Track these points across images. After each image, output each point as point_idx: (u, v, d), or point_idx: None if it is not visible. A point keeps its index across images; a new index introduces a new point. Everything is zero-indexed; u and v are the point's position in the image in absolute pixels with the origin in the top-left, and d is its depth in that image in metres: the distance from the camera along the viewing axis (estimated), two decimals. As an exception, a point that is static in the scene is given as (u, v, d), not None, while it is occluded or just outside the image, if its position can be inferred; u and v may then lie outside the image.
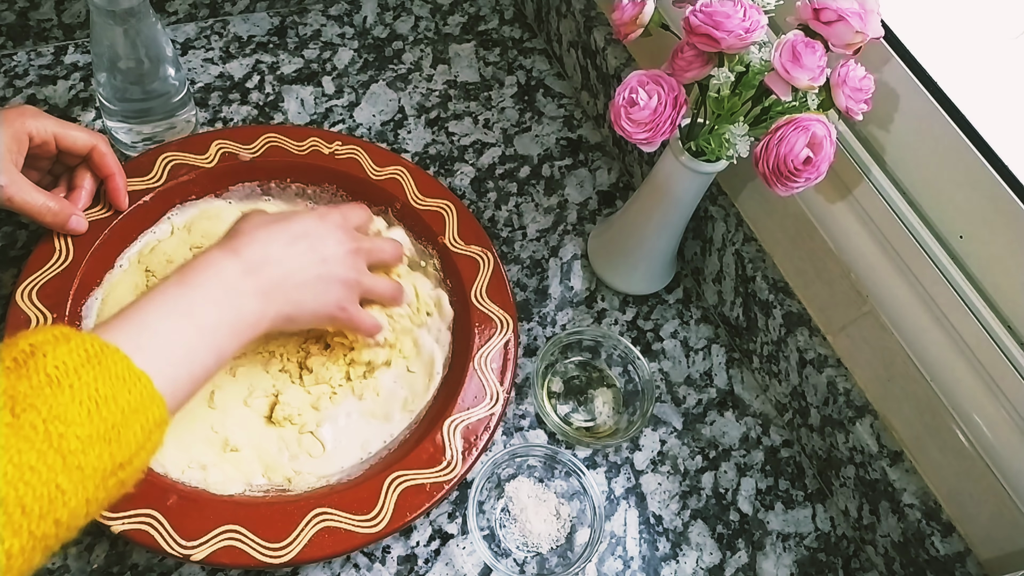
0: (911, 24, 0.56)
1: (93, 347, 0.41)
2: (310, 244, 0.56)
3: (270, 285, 0.53)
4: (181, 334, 0.47)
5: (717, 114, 0.58)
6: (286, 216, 0.58)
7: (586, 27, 0.82)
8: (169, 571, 0.57)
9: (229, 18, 0.85)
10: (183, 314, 0.48)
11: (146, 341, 0.45)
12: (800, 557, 0.66)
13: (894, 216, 0.59)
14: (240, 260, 0.52)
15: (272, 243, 0.55)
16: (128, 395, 0.41)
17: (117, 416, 0.40)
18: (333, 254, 0.57)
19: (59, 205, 0.60)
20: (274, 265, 0.54)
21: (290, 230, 0.56)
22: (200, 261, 0.52)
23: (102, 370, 0.41)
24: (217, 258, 0.52)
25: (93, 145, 0.61)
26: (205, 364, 0.48)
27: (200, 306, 0.49)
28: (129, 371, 0.42)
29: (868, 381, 0.65)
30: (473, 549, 0.61)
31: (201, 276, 0.51)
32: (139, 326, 0.46)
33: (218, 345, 0.49)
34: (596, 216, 0.80)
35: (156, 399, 0.43)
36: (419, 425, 0.63)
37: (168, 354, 0.46)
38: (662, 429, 0.70)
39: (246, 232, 0.55)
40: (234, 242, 0.54)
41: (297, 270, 0.55)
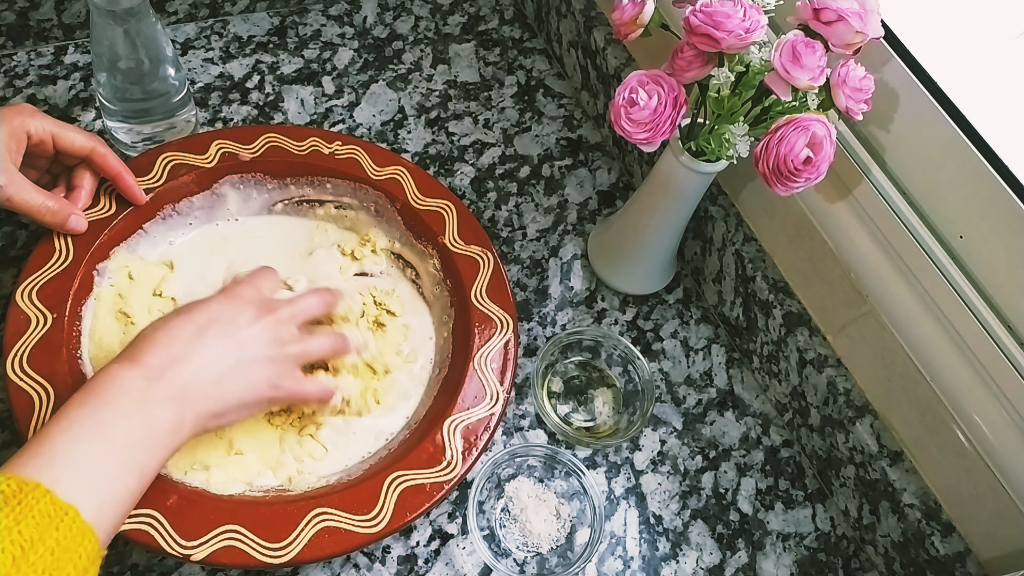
0: (911, 24, 0.56)
1: (10, 486, 0.38)
2: (219, 330, 0.52)
3: (181, 387, 0.49)
4: (95, 458, 0.44)
5: (717, 114, 0.58)
6: (188, 308, 0.53)
7: (586, 27, 0.82)
8: (169, 571, 0.57)
9: (229, 18, 0.85)
10: (94, 435, 0.45)
11: (62, 471, 0.41)
12: (800, 557, 0.66)
13: (894, 216, 0.59)
14: (141, 368, 0.48)
15: (175, 342, 0.50)
16: (56, 533, 0.38)
17: (47, 559, 0.37)
18: (250, 335, 0.53)
19: (58, 204, 0.60)
20: (181, 364, 0.49)
21: (193, 321, 0.52)
22: (100, 378, 0.48)
23: (24, 509, 0.38)
24: (117, 372, 0.48)
25: (91, 148, 0.61)
26: (128, 485, 0.45)
27: (109, 425, 0.46)
28: (54, 506, 0.39)
29: (868, 381, 0.65)
30: (473, 549, 0.61)
31: (105, 393, 0.47)
32: (51, 455, 0.42)
33: (138, 462, 0.46)
34: (596, 216, 0.80)
35: (87, 532, 0.40)
36: (419, 425, 0.63)
37: (88, 480, 0.43)
38: (662, 429, 0.70)
39: (145, 337, 0.51)
40: (133, 351, 0.50)
41: (210, 362, 0.51)
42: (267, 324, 0.54)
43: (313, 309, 0.59)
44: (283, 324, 0.55)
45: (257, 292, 0.57)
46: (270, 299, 0.57)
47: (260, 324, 0.54)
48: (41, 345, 0.57)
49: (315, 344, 0.57)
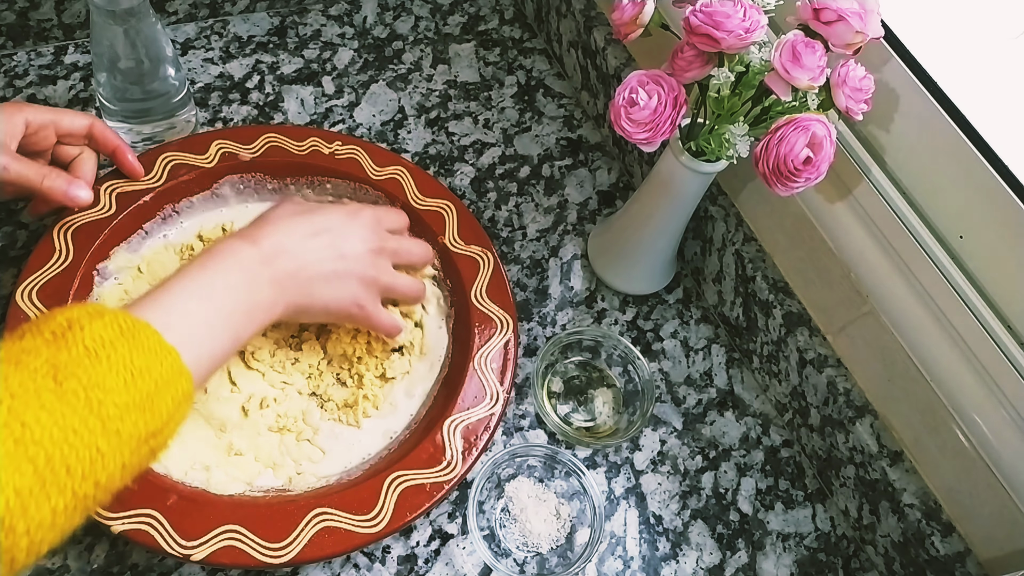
0: (911, 24, 0.56)
1: (126, 323, 0.43)
2: (331, 239, 0.57)
3: (284, 275, 0.54)
4: (203, 315, 0.49)
5: (717, 114, 0.58)
6: (313, 209, 0.59)
7: (586, 27, 0.82)
8: (169, 571, 0.57)
9: (229, 18, 0.85)
10: (204, 297, 0.50)
11: (172, 320, 0.47)
12: (800, 557, 0.66)
13: (894, 216, 0.59)
14: (257, 249, 0.54)
15: (291, 234, 0.56)
16: (160, 367, 0.43)
17: (151, 386, 0.42)
18: (353, 251, 0.58)
19: (57, 172, 0.60)
20: (289, 256, 0.55)
21: (313, 223, 0.57)
22: (222, 247, 0.53)
23: (135, 344, 0.43)
24: (237, 246, 0.54)
25: (90, 124, 0.63)
26: (223, 345, 0.50)
27: (220, 291, 0.51)
28: (160, 346, 0.44)
29: (868, 381, 0.65)
30: (473, 549, 0.61)
31: (221, 262, 0.52)
32: (166, 306, 0.48)
33: (235, 328, 0.51)
34: (596, 216, 0.80)
35: (184, 373, 0.45)
36: (419, 425, 0.63)
37: (192, 333, 0.48)
38: (662, 429, 0.70)
39: (269, 221, 0.57)
40: (256, 231, 0.55)
41: (313, 263, 0.56)
42: (371, 250, 0.59)
43: (414, 255, 0.63)
44: (383, 255, 0.60)
45: (375, 221, 0.61)
46: (382, 231, 0.61)
47: (365, 247, 0.59)
48: (41, 345, 0.57)
49: (403, 281, 0.62)
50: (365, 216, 0.61)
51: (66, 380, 0.39)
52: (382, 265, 0.60)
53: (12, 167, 0.58)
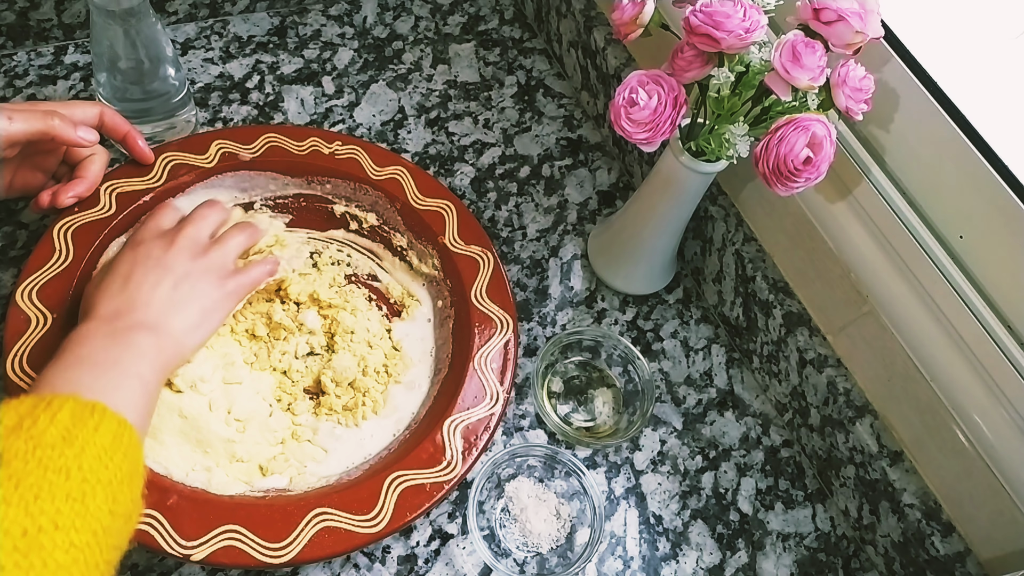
0: (911, 24, 0.56)
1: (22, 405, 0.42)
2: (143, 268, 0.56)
3: (143, 320, 0.53)
4: (92, 378, 0.48)
5: (717, 114, 0.58)
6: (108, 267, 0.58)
7: (586, 27, 0.82)
8: (169, 571, 0.57)
9: (229, 18, 0.85)
10: (83, 369, 0.48)
11: (75, 386, 0.46)
12: (800, 557, 0.66)
13: (894, 216, 0.59)
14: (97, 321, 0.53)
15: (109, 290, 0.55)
16: (95, 434, 0.42)
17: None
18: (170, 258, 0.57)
19: (61, 116, 0.59)
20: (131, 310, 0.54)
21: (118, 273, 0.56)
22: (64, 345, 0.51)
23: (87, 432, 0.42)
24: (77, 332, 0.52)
25: (100, 111, 0.63)
26: (132, 391, 0.49)
27: (93, 360, 0.49)
28: (80, 405, 0.43)
29: (868, 381, 0.65)
30: (473, 549, 0.61)
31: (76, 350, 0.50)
32: (52, 388, 0.47)
33: (135, 374, 0.50)
34: (596, 216, 0.80)
35: (120, 420, 0.44)
36: (419, 425, 0.63)
37: (96, 391, 0.47)
38: (662, 429, 0.70)
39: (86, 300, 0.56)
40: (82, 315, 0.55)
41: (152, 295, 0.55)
42: (179, 245, 0.58)
43: (241, 246, 0.62)
44: (190, 240, 0.59)
45: (155, 228, 0.60)
46: (168, 228, 0.60)
47: (173, 247, 0.58)
48: (41, 345, 0.57)
49: (231, 240, 0.61)
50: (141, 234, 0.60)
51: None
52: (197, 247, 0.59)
53: (16, 116, 0.57)
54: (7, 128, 0.56)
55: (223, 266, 0.60)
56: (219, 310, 0.58)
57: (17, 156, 0.59)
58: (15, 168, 0.61)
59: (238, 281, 0.60)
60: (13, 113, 0.57)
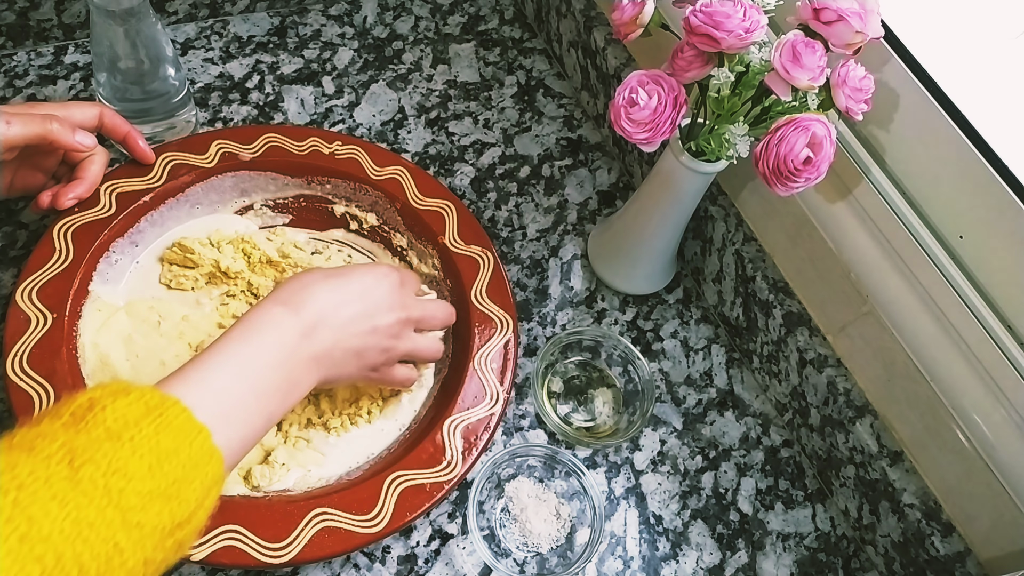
0: (911, 24, 0.56)
1: (153, 399, 0.40)
2: (363, 308, 0.55)
3: (322, 352, 0.52)
4: (238, 393, 0.46)
5: (717, 114, 0.58)
6: (342, 272, 0.57)
7: (586, 27, 0.82)
8: (169, 571, 0.57)
9: (229, 18, 0.85)
10: (241, 374, 0.47)
11: (205, 397, 0.44)
12: (800, 557, 0.66)
13: (894, 216, 0.59)
14: (299, 320, 0.51)
15: (328, 302, 0.53)
16: (188, 449, 0.40)
17: (178, 471, 0.39)
18: (384, 322, 0.56)
19: (59, 120, 0.59)
20: (328, 329, 0.52)
21: (347, 290, 0.55)
22: (261, 317, 0.51)
23: (163, 423, 0.39)
24: (278, 316, 0.51)
25: (100, 111, 0.63)
26: (256, 426, 0.47)
27: (259, 368, 0.48)
28: (190, 424, 0.41)
29: (868, 381, 0.65)
30: (473, 549, 0.61)
31: (262, 335, 0.50)
32: (199, 381, 0.45)
33: (270, 407, 0.49)
34: (596, 216, 0.80)
35: (215, 455, 0.41)
36: (419, 425, 0.63)
37: (226, 412, 0.45)
38: (662, 429, 0.70)
39: (304, 286, 0.54)
40: (294, 297, 0.53)
41: (347, 337, 0.54)
42: (399, 320, 0.57)
43: (436, 320, 0.61)
44: (408, 325, 0.58)
45: (400, 284, 0.59)
46: (408, 297, 0.59)
47: (394, 317, 0.57)
48: (41, 345, 0.57)
49: (423, 345, 0.60)
50: (392, 280, 0.58)
51: (83, 466, 0.36)
52: (406, 334, 0.58)
53: (14, 121, 0.57)
54: (5, 132, 0.56)
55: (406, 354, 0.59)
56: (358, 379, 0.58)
57: (16, 158, 0.59)
58: (14, 169, 0.61)
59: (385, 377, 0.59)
60: (12, 117, 0.57)
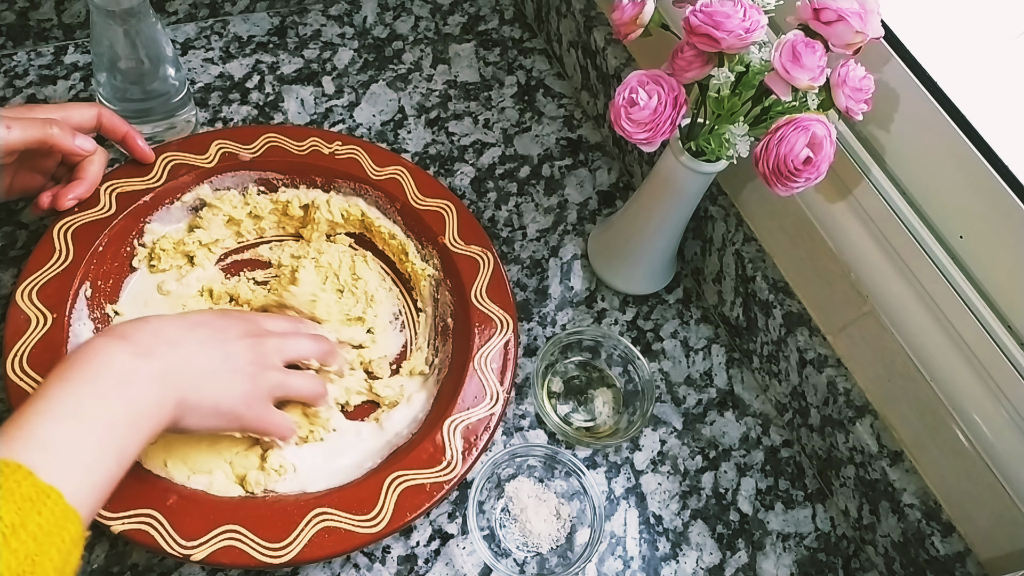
0: (911, 24, 0.56)
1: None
2: (209, 333, 0.51)
3: (167, 368, 0.47)
4: (77, 440, 0.42)
5: (717, 114, 0.58)
6: (179, 313, 0.55)
7: (586, 27, 0.82)
8: (169, 571, 0.57)
9: (229, 18, 0.85)
10: (73, 416, 0.43)
11: (42, 453, 0.40)
12: (800, 557, 0.66)
13: (894, 216, 0.59)
14: (129, 344, 0.47)
15: (167, 326, 0.50)
16: (39, 517, 0.37)
17: (30, 544, 0.36)
18: (236, 347, 0.52)
19: (60, 125, 0.59)
20: (171, 347, 0.48)
21: (188, 319, 0.52)
22: (84, 353, 0.46)
23: (4, 493, 0.36)
24: (102, 346, 0.46)
25: (98, 112, 0.63)
26: (107, 469, 0.43)
27: (90, 405, 0.44)
28: (36, 489, 0.38)
29: (868, 381, 0.65)
30: (473, 549, 0.61)
31: (87, 369, 0.45)
32: (30, 437, 0.41)
33: (117, 447, 0.44)
34: (596, 216, 0.80)
35: (70, 514, 0.38)
36: (419, 425, 0.63)
37: (68, 464, 0.41)
38: (662, 429, 0.70)
39: (133, 322, 0.50)
40: (120, 329, 0.48)
41: (198, 355, 0.50)
42: (253, 344, 0.54)
43: (303, 351, 0.57)
44: (268, 352, 0.54)
45: (250, 318, 0.56)
46: (262, 328, 0.56)
47: (247, 341, 0.53)
48: (41, 345, 0.57)
49: (294, 382, 0.56)
50: (235, 313, 0.56)
51: None
52: (268, 361, 0.54)
53: (14, 125, 0.57)
54: (5, 137, 0.56)
55: (265, 355, 0.54)
56: (228, 412, 0.52)
57: (15, 160, 0.59)
58: (14, 172, 0.61)
59: (263, 417, 0.54)
60: (12, 122, 0.57)
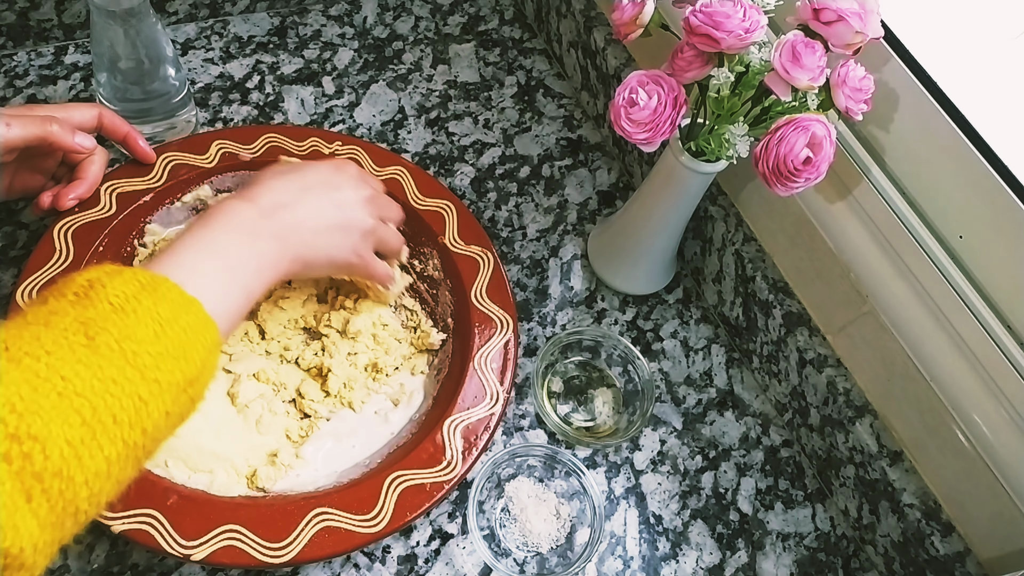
0: (911, 24, 0.56)
1: (144, 278, 0.43)
2: (325, 191, 0.58)
3: (286, 229, 0.55)
4: (214, 271, 0.49)
5: (717, 114, 0.58)
6: (301, 166, 0.61)
7: (586, 27, 0.82)
8: (169, 571, 0.57)
9: (229, 18, 0.85)
10: (212, 254, 0.50)
11: (187, 275, 0.46)
12: (800, 557, 0.66)
13: (894, 216, 0.59)
14: (255, 206, 0.54)
15: (286, 190, 0.57)
16: (186, 316, 0.44)
17: (181, 336, 0.42)
18: (348, 200, 0.59)
19: (60, 122, 0.60)
20: (289, 210, 0.56)
21: (305, 179, 0.58)
22: (219, 208, 0.54)
23: (158, 296, 0.43)
24: (235, 206, 0.54)
25: (99, 112, 0.63)
26: (237, 300, 0.50)
27: (225, 247, 0.51)
28: (182, 297, 0.44)
29: (868, 381, 0.65)
30: (473, 549, 0.61)
31: (221, 220, 0.52)
32: (177, 263, 0.48)
33: (246, 282, 0.51)
34: (596, 216, 0.80)
35: (209, 323, 0.45)
36: (419, 425, 0.63)
37: (208, 287, 0.47)
38: (662, 429, 0.70)
39: (260, 182, 0.57)
40: (250, 191, 0.56)
41: (313, 215, 0.57)
42: (365, 199, 0.61)
43: (393, 208, 0.65)
44: (374, 205, 0.61)
45: (360, 172, 0.63)
46: (368, 181, 0.63)
47: (358, 196, 0.60)
48: (41, 345, 0.57)
49: (392, 233, 0.64)
50: (351, 168, 0.62)
51: (97, 335, 0.39)
52: (375, 212, 0.61)
53: (14, 123, 0.57)
54: (5, 135, 0.56)
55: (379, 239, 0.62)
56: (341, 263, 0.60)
57: (16, 160, 0.59)
58: (14, 171, 0.61)
59: (370, 264, 0.62)
60: (11, 119, 0.57)
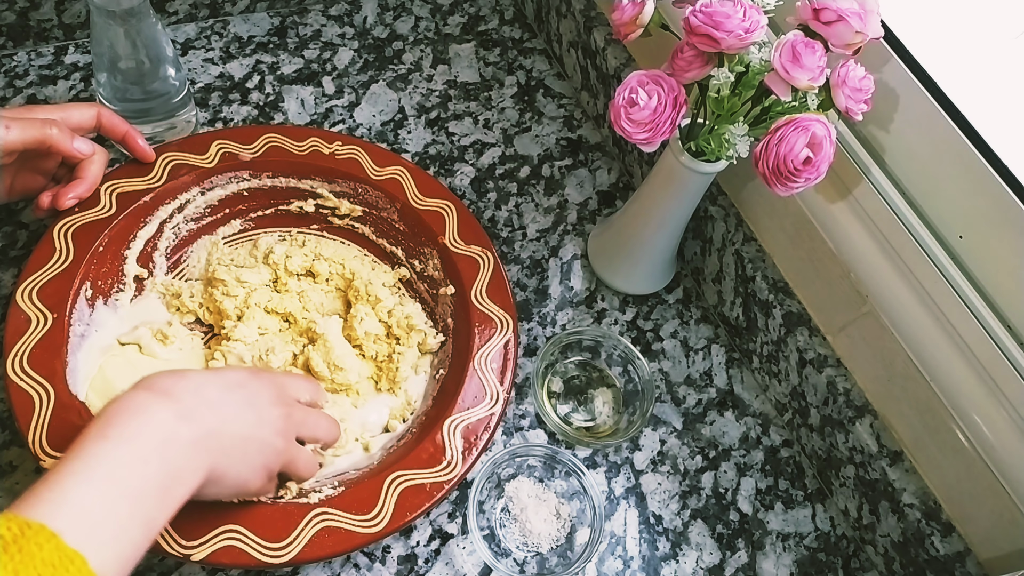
0: (911, 24, 0.56)
1: (11, 530, 0.35)
2: (246, 396, 0.49)
3: (205, 432, 0.45)
4: (107, 505, 0.40)
5: (717, 114, 0.58)
6: (216, 369, 0.54)
7: (586, 27, 0.82)
8: (169, 571, 0.57)
9: (229, 18, 0.85)
10: (106, 478, 0.40)
11: (70, 516, 0.38)
12: (800, 557, 0.66)
13: (894, 216, 0.59)
14: (172, 402, 0.45)
15: (207, 386, 0.48)
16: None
17: None
18: (268, 416, 0.50)
19: (60, 126, 0.59)
20: (211, 410, 0.46)
21: (225, 378, 0.50)
22: (125, 407, 0.44)
23: (25, 557, 0.34)
24: (145, 403, 0.44)
25: (97, 112, 0.63)
26: (134, 540, 0.41)
27: (126, 465, 0.41)
28: (59, 553, 0.35)
29: (868, 381, 0.65)
30: (473, 549, 0.61)
31: (125, 427, 0.43)
32: (61, 499, 0.38)
33: (147, 515, 0.42)
34: (596, 216, 0.80)
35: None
36: (419, 425, 0.63)
37: (96, 530, 0.38)
38: (662, 429, 0.70)
39: (172, 374, 0.48)
40: (160, 382, 0.46)
41: (233, 419, 0.48)
42: (282, 413, 0.52)
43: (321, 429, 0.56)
44: (293, 425, 0.52)
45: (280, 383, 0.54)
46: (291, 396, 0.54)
47: (278, 410, 0.51)
48: (41, 345, 0.57)
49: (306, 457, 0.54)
50: (268, 376, 0.53)
51: None
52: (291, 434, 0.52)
53: (13, 125, 0.57)
54: (5, 137, 0.56)
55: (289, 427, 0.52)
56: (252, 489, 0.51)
57: (16, 162, 0.60)
58: (14, 172, 0.61)
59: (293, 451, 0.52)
60: (11, 122, 0.57)
